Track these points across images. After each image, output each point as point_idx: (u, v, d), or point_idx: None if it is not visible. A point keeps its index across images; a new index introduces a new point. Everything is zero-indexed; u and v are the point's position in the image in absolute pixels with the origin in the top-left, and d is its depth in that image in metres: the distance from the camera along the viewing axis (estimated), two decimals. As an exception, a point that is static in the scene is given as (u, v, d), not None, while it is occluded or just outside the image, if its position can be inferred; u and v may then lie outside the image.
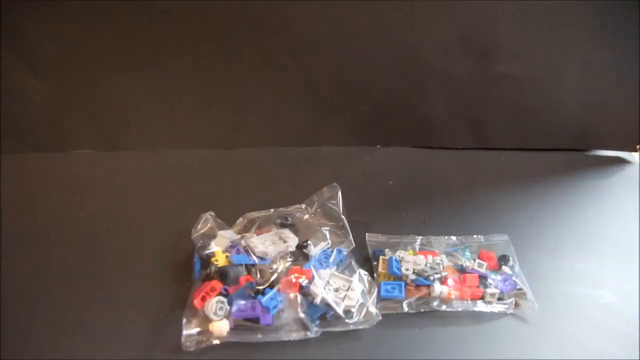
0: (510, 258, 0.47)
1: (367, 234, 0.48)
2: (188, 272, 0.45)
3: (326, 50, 0.59)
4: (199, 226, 0.47)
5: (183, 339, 0.37)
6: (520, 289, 0.44)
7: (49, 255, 0.48)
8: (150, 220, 0.53)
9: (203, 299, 0.39)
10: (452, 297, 0.42)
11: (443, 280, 0.43)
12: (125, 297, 0.43)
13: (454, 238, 0.49)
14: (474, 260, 0.46)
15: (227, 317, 0.39)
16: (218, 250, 0.44)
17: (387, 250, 0.47)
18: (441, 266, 0.44)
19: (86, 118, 0.62)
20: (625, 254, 0.49)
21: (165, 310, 0.42)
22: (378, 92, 0.63)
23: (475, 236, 0.49)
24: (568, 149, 0.65)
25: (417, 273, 0.43)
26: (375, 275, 0.45)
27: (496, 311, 0.42)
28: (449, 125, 0.64)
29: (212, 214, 0.48)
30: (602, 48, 0.59)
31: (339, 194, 0.50)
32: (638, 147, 0.65)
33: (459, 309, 0.42)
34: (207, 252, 0.44)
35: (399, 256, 0.45)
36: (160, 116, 0.63)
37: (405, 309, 0.41)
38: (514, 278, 0.44)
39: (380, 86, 0.62)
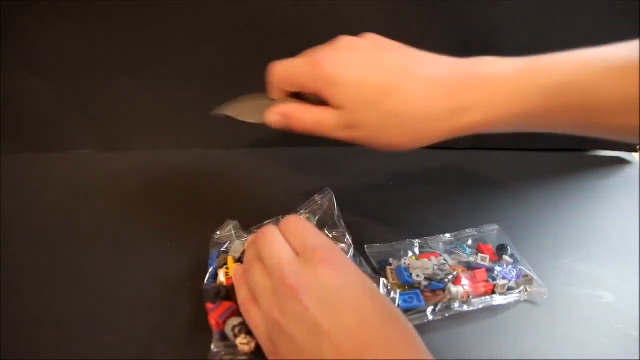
0: (508, 247, 0.47)
1: (365, 246, 0.48)
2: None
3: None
4: (222, 232, 0.46)
5: (210, 355, 0.37)
6: (527, 275, 0.44)
7: (49, 255, 0.48)
8: (150, 220, 0.53)
9: (223, 322, 0.38)
10: (470, 295, 0.42)
11: (455, 280, 0.43)
12: (125, 296, 0.44)
13: (448, 235, 0.49)
14: (476, 254, 0.46)
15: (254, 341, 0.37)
16: (230, 257, 0.44)
17: (391, 259, 0.46)
18: (447, 266, 0.44)
19: (86, 118, 0.62)
20: (625, 254, 0.49)
21: (165, 309, 0.42)
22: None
23: (467, 230, 0.49)
24: (568, 149, 0.65)
25: (428, 278, 0.43)
26: (388, 287, 0.44)
27: (512, 301, 0.43)
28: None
29: (236, 223, 0.47)
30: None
31: (333, 199, 0.49)
32: (638, 147, 0.65)
33: (480, 306, 0.42)
34: (223, 250, 0.44)
35: (404, 263, 0.44)
36: (160, 116, 0.63)
37: (430, 317, 0.41)
38: (519, 267, 0.45)
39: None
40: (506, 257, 0.46)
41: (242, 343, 0.37)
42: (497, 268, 0.45)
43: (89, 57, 0.57)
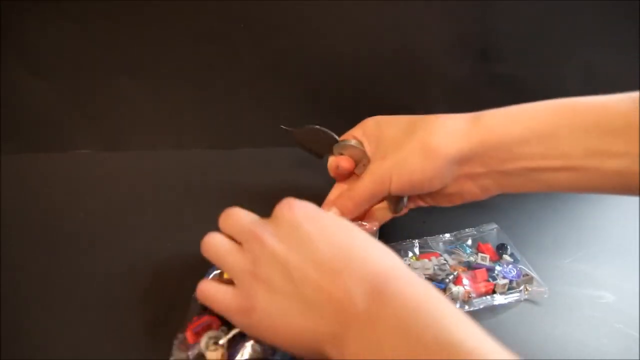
0: (508, 246, 0.47)
1: None
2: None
3: (326, 50, 0.59)
4: None
5: None
6: (527, 275, 0.44)
7: (49, 255, 0.48)
8: (150, 221, 0.53)
9: (197, 334, 0.37)
10: (471, 295, 0.42)
11: (456, 280, 0.43)
12: (125, 297, 0.44)
13: (448, 235, 0.49)
14: (476, 254, 0.46)
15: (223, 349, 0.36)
16: None
17: None
18: (447, 265, 0.44)
19: (86, 118, 0.62)
20: (625, 254, 0.49)
21: (165, 310, 0.42)
22: (378, 92, 0.63)
23: (467, 230, 0.50)
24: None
25: (429, 278, 0.43)
26: None
27: (513, 300, 0.43)
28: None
29: None
30: (602, 48, 0.59)
31: None
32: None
33: (481, 306, 0.42)
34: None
35: (407, 264, 0.44)
36: (160, 116, 0.63)
37: None
38: (519, 266, 0.45)
39: (380, 86, 0.62)
40: (506, 257, 0.47)
41: (211, 350, 0.35)
42: (497, 267, 0.45)
43: (89, 57, 0.57)
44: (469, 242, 0.48)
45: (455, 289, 0.42)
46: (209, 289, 0.35)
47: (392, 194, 0.41)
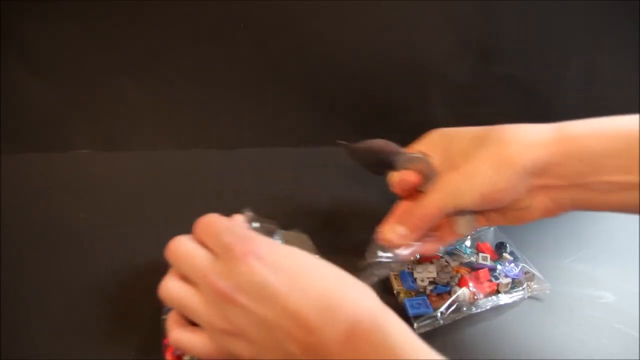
0: (507, 245, 0.47)
1: (366, 252, 0.47)
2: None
3: (326, 50, 0.59)
4: None
5: None
6: (528, 272, 0.44)
7: (49, 255, 0.48)
8: (150, 221, 0.53)
9: (179, 357, 0.37)
10: (476, 297, 0.42)
11: (460, 282, 0.43)
12: (126, 297, 0.44)
13: None
14: (477, 254, 0.46)
15: None
16: None
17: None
18: (449, 267, 0.44)
19: (86, 118, 0.62)
20: (625, 254, 0.49)
21: (166, 310, 0.42)
22: (378, 93, 0.63)
23: None
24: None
25: (433, 281, 0.42)
26: (395, 292, 0.44)
27: (517, 299, 0.43)
28: (449, 125, 0.64)
29: None
30: (602, 48, 0.59)
31: None
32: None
33: (488, 306, 0.42)
34: None
35: (408, 268, 0.44)
36: (160, 116, 0.63)
37: (442, 322, 0.41)
38: (521, 264, 0.45)
39: (380, 86, 0.62)
40: (506, 255, 0.47)
41: None
42: (499, 267, 0.45)
43: (89, 57, 0.57)
44: (467, 242, 0.48)
45: (460, 291, 0.42)
46: (181, 340, 0.33)
47: (462, 210, 0.39)
